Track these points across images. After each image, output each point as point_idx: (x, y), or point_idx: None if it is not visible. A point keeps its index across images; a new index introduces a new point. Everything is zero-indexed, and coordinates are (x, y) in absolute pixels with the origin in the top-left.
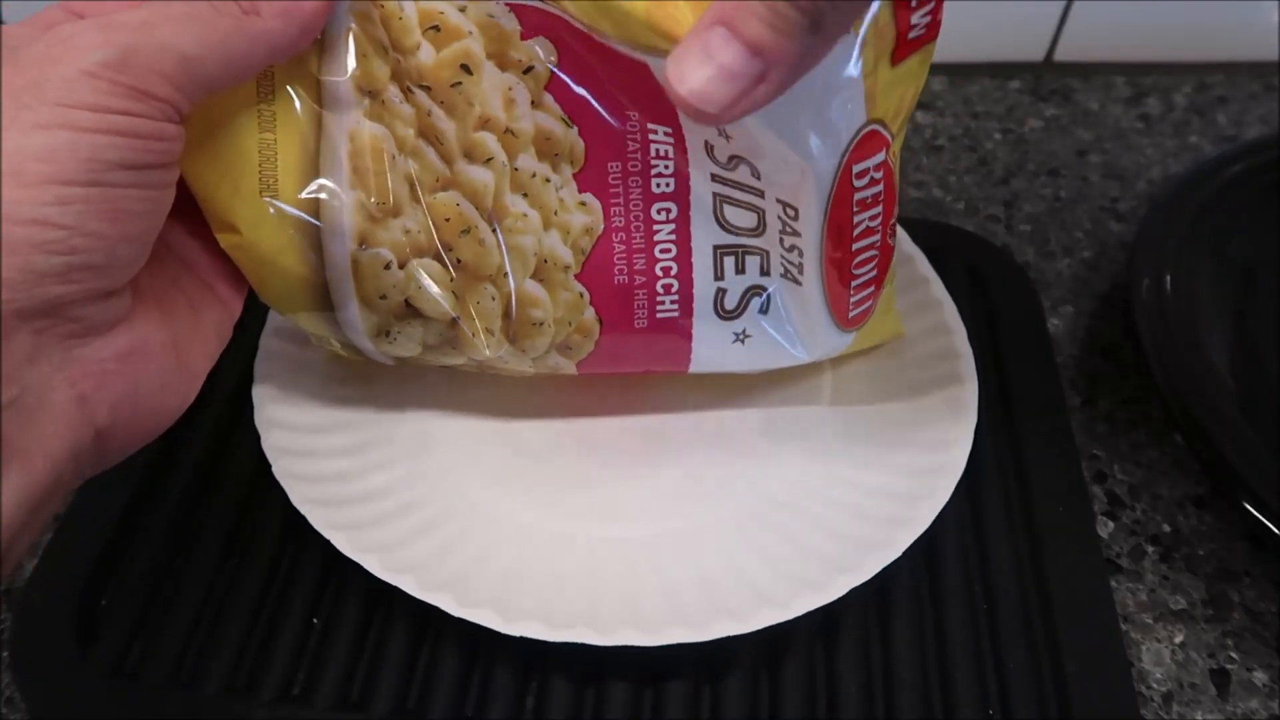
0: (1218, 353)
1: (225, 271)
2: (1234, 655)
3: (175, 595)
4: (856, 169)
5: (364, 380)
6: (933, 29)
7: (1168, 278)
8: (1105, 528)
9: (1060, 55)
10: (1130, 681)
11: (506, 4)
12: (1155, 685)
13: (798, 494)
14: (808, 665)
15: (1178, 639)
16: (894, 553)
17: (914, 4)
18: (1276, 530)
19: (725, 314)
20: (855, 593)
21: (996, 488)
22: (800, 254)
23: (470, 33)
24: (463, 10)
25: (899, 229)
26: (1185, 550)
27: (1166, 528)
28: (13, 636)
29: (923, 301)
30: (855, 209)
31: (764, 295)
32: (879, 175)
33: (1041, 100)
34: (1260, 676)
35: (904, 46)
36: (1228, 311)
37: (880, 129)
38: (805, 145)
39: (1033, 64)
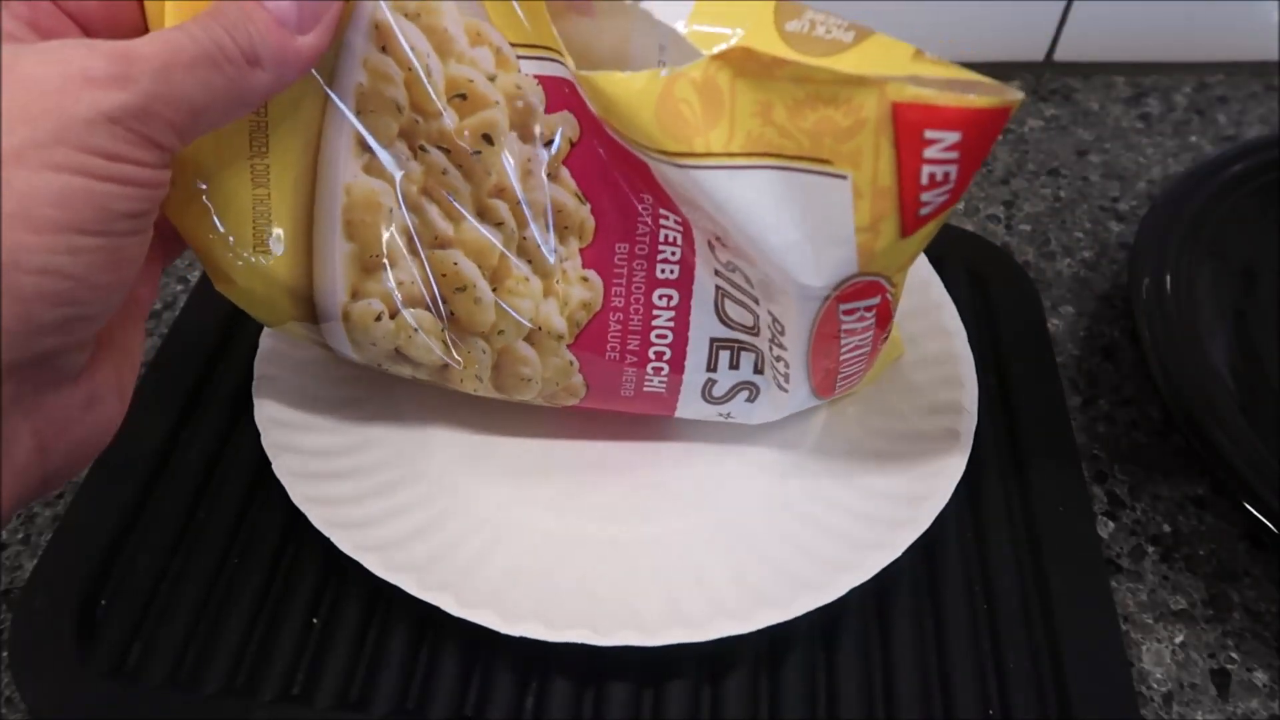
0: (1218, 353)
1: (150, 289)
2: (1234, 655)
3: (175, 595)
4: (844, 307)
5: (365, 379)
6: (952, 200)
7: (1168, 278)
8: (1105, 528)
9: (1060, 55)
10: (1130, 681)
11: (535, 76)
12: (1155, 685)
13: (797, 494)
14: (808, 665)
15: (1178, 639)
16: (894, 553)
17: (925, 183)
18: (1276, 530)
19: (712, 399)
20: (855, 593)
21: (996, 488)
22: (786, 365)
23: (497, 103)
24: (492, 80)
25: None
26: (1185, 550)
27: (1166, 528)
28: (13, 636)
29: (922, 303)
30: (843, 336)
31: (753, 390)
32: (871, 314)
33: (1041, 100)
34: (1260, 676)
35: (915, 221)
36: (1228, 311)
37: (878, 279)
38: (787, 275)
39: (1033, 64)
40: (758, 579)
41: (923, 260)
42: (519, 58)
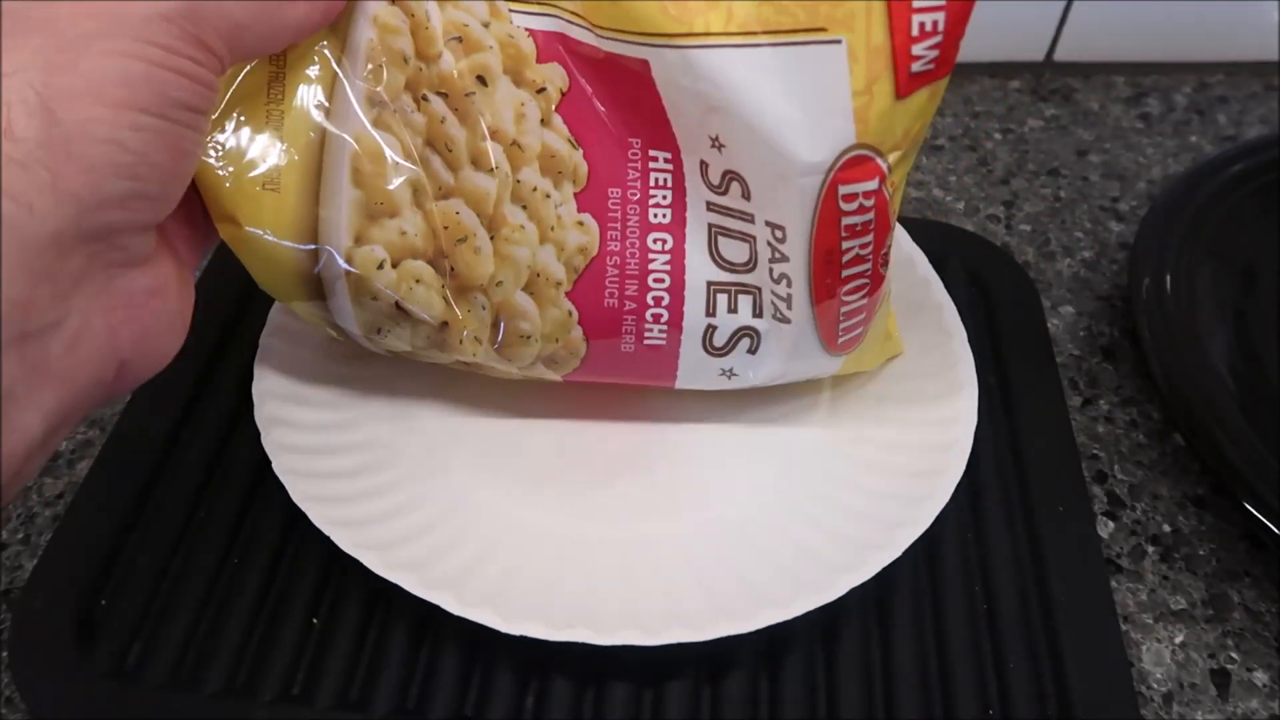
0: (1218, 353)
1: (198, 228)
2: (1234, 655)
3: (175, 595)
4: (844, 190)
5: (365, 379)
6: (943, 65)
7: (1168, 278)
8: (1105, 528)
9: (1060, 55)
10: (1130, 681)
11: (526, 30)
12: (1155, 685)
13: (797, 494)
14: (808, 665)
15: (1178, 639)
16: (894, 553)
17: (915, 34)
18: (1276, 530)
19: (713, 350)
20: (855, 593)
21: (996, 488)
22: (789, 283)
23: (490, 47)
24: (486, 26)
25: (899, 227)
26: (1185, 550)
27: (1166, 528)
28: (13, 636)
29: (922, 302)
30: (844, 233)
31: (754, 337)
32: (869, 204)
33: (1041, 100)
34: (1260, 676)
35: (908, 80)
36: (1228, 311)
37: (873, 155)
38: (785, 154)
39: (1033, 64)
40: (758, 579)
41: (923, 260)
42: (510, 11)
